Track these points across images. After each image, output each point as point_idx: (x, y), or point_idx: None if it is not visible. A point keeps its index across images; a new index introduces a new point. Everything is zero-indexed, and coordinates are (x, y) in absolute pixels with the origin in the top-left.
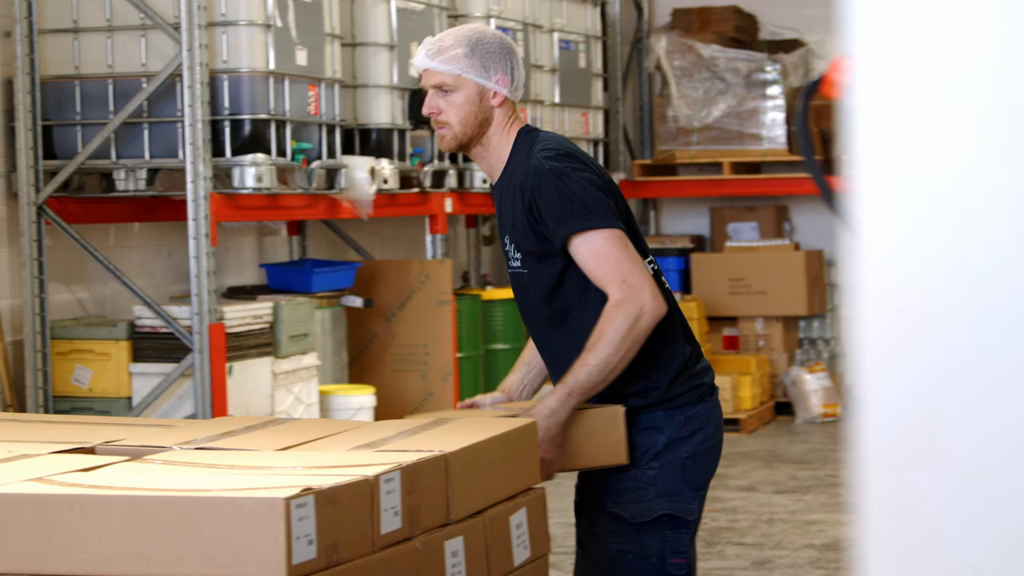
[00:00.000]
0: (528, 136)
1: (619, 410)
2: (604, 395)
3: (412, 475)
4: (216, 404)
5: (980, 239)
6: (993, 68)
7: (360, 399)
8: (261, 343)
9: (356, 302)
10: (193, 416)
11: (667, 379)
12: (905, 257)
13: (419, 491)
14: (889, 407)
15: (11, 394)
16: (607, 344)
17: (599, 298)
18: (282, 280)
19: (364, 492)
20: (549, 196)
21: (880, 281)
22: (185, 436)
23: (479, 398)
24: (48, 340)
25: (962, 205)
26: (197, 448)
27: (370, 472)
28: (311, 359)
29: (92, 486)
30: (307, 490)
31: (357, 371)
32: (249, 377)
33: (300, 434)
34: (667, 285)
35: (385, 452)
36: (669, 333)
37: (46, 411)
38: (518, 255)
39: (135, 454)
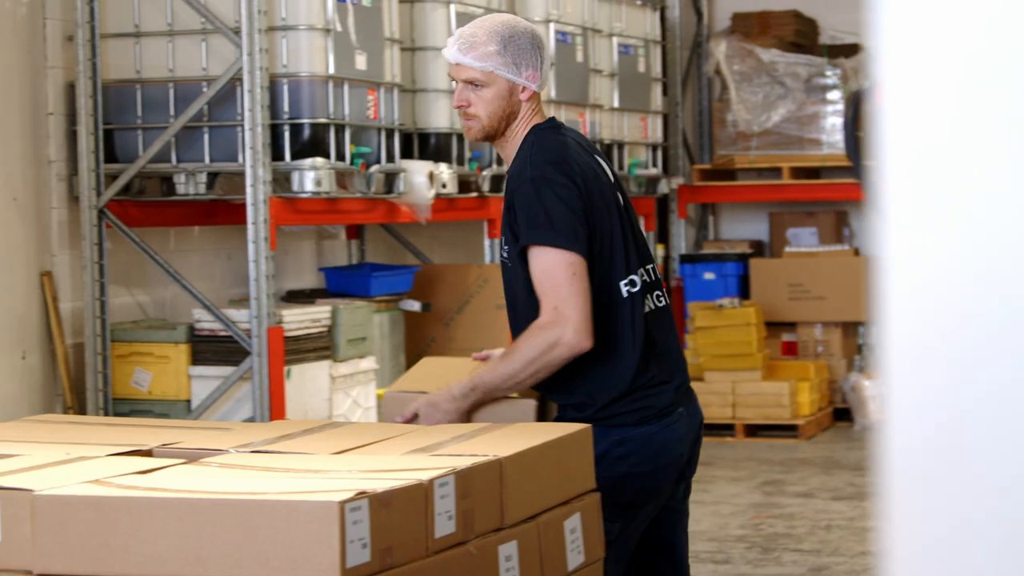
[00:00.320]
0: (537, 135)
1: (531, 404)
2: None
3: (466, 479)
4: (274, 407)
5: (1010, 252)
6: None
7: None
8: (319, 346)
9: (414, 306)
10: (251, 419)
11: (607, 398)
12: (933, 271)
13: (473, 495)
14: (916, 424)
15: (71, 396)
16: (518, 359)
17: None
18: (341, 284)
19: (418, 496)
20: (523, 201)
21: (907, 295)
22: (242, 439)
23: (495, 352)
24: (108, 343)
25: (992, 217)
26: (253, 451)
27: (424, 476)
28: (369, 363)
29: (149, 488)
30: (361, 494)
31: None
32: (307, 380)
33: (356, 438)
34: (654, 305)
35: (440, 456)
36: (622, 353)
37: (106, 413)
38: (506, 247)
39: (192, 457)
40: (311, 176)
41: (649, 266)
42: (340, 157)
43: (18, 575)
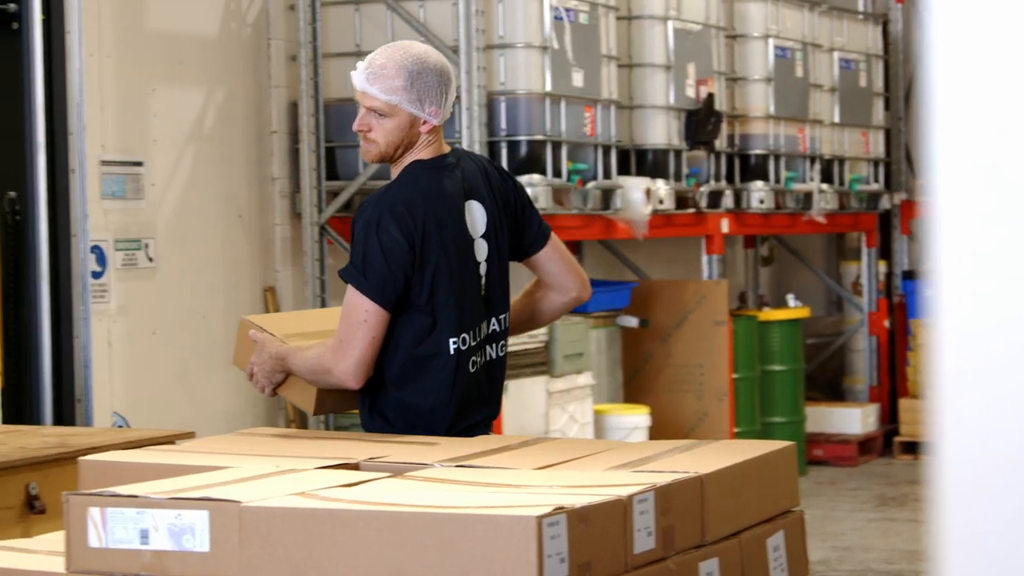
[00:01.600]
0: (407, 173)
1: (313, 390)
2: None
3: (666, 496)
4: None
5: None
6: None
7: (635, 419)
8: (536, 362)
9: (632, 322)
10: None
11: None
12: (986, 281)
13: (674, 512)
14: (968, 438)
15: (293, 410)
16: (306, 362)
17: (397, 330)
18: None
19: (617, 512)
20: (355, 236)
21: (959, 306)
22: (447, 453)
23: None
24: None
25: None
26: (457, 465)
27: (624, 492)
28: (586, 378)
29: (352, 501)
30: (559, 509)
31: (633, 391)
32: (524, 396)
33: (559, 453)
34: (495, 355)
35: (641, 473)
36: (441, 405)
37: (326, 427)
38: None
39: (397, 470)
40: (528, 192)
41: (502, 316)
42: (557, 174)
43: None
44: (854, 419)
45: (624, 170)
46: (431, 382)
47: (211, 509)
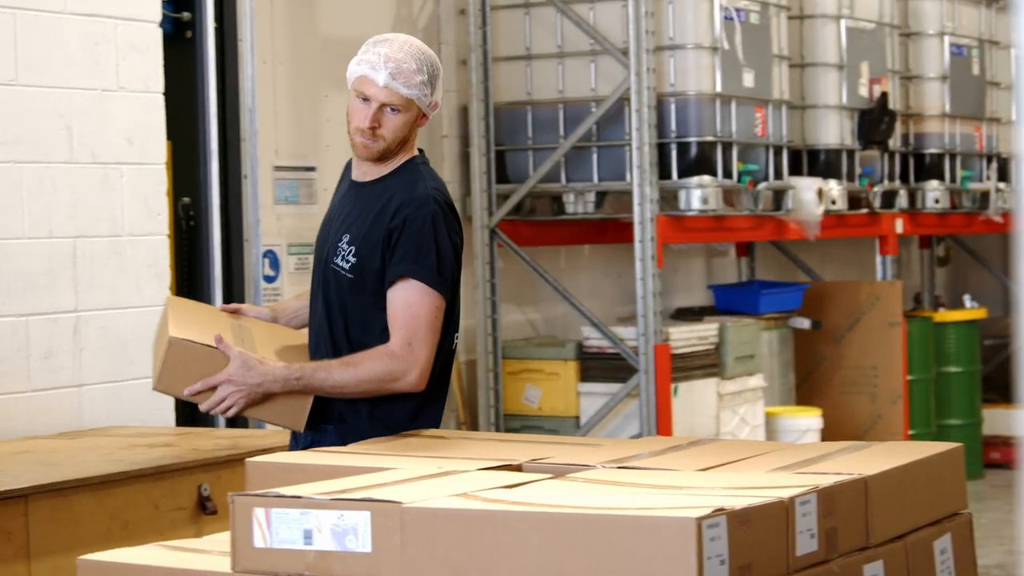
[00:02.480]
0: (423, 168)
1: (308, 400)
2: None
3: (829, 498)
4: (661, 424)
5: None
6: None
7: (807, 421)
8: (706, 364)
9: (804, 323)
10: (639, 435)
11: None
12: None
13: (837, 514)
14: None
15: (464, 412)
16: (355, 375)
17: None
18: (730, 301)
19: (778, 514)
20: (414, 232)
21: None
22: (610, 455)
23: (244, 307)
24: (500, 360)
25: None
26: (620, 467)
27: (785, 494)
28: (757, 380)
29: (513, 502)
30: (719, 511)
31: (805, 393)
32: (695, 397)
33: (723, 455)
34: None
35: (804, 474)
36: (439, 398)
37: (497, 429)
38: (352, 259)
39: (559, 472)
40: (698, 194)
41: None
42: (727, 175)
43: None
44: None
45: (796, 171)
46: (444, 384)
47: (373, 510)
